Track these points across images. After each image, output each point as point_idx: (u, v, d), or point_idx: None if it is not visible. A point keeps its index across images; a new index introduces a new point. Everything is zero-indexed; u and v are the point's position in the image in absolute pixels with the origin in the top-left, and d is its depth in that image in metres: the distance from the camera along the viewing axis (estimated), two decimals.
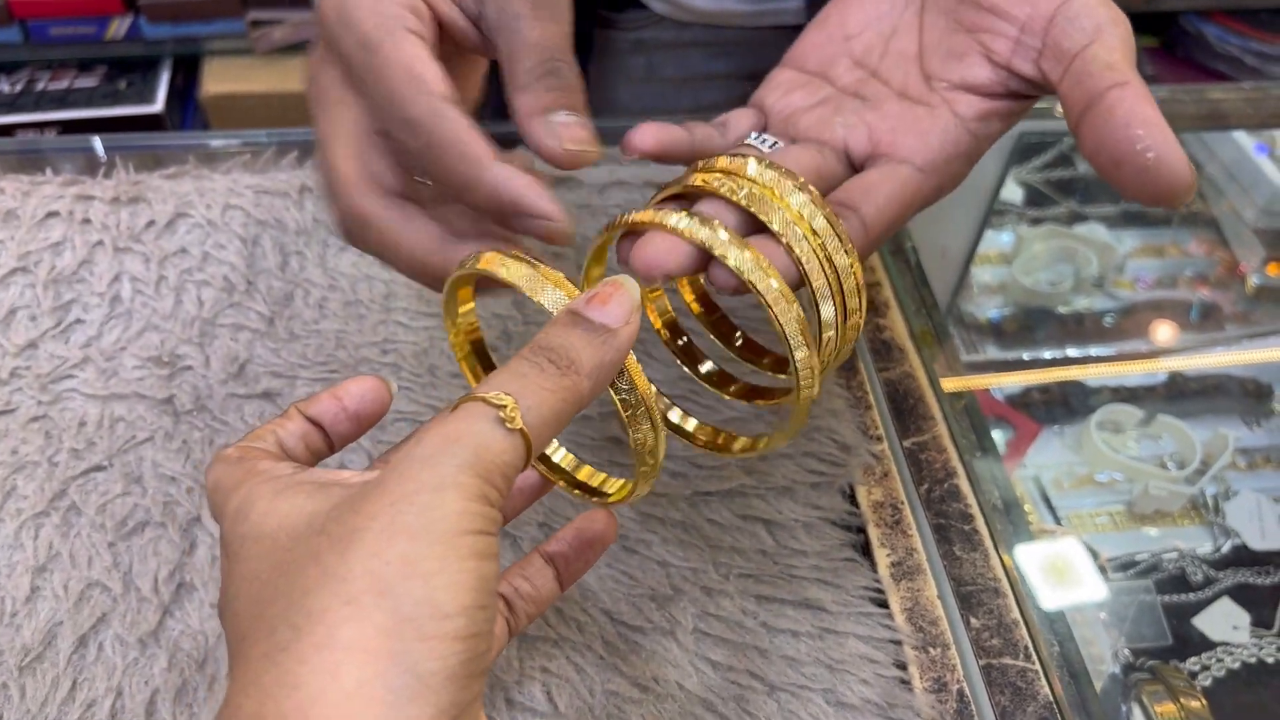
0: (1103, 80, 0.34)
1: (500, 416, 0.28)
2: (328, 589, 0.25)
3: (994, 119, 0.39)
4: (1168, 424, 0.70)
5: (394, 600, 0.25)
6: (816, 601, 0.45)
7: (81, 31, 1.72)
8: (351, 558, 0.26)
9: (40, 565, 0.45)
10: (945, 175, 0.39)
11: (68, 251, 0.55)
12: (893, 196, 0.38)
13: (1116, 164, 0.33)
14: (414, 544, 0.26)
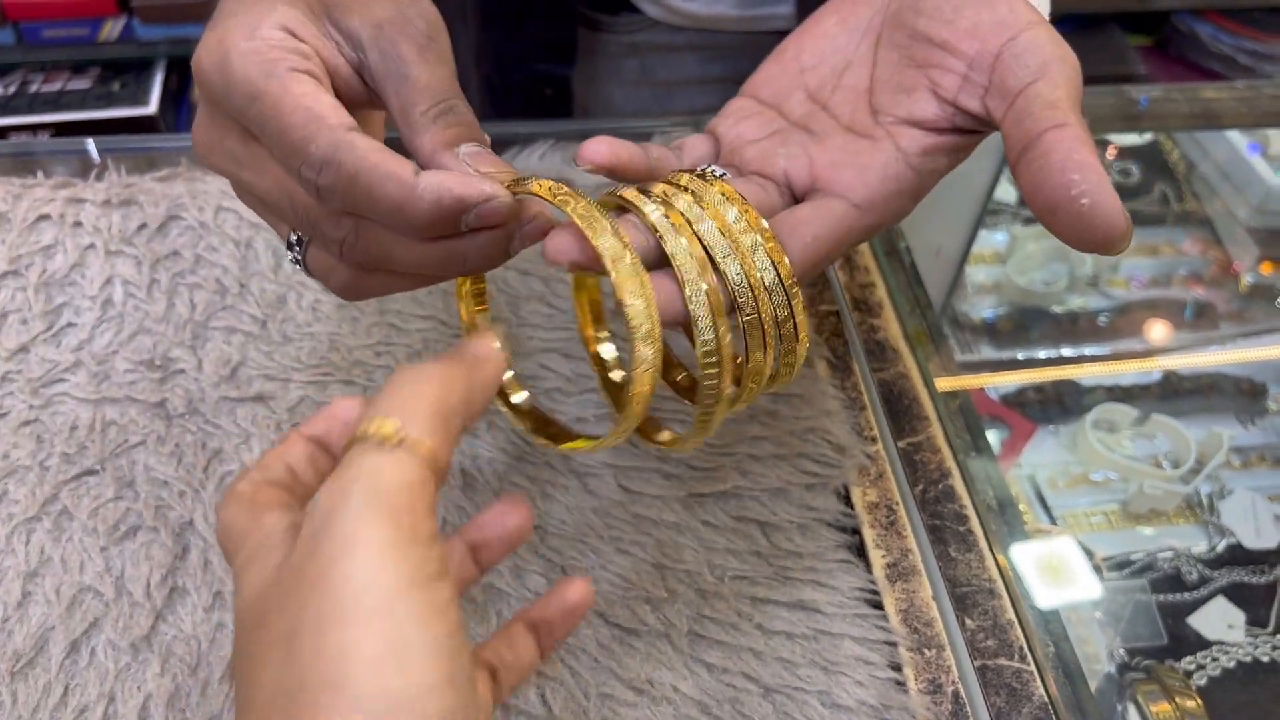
0: (1041, 121, 0.34)
1: (375, 440, 0.27)
2: (291, 701, 0.24)
3: (939, 154, 0.38)
4: (1162, 423, 0.70)
5: (353, 698, 0.23)
6: (811, 603, 0.45)
7: (75, 33, 1.72)
8: (297, 664, 0.24)
9: (32, 570, 0.44)
10: (884, 212, 0.38)
11: (59, 255, 0.55)
12: (821, 234, 0.37)
13: (1051, 210, 0.33)
14: (348, 631, 0.24)
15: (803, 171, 0.39)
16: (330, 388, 0.51)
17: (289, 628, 0.25)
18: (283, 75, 0.35)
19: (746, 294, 0.34)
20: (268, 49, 0.35)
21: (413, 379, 0.29)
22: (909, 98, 0.38)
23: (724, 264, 0.34)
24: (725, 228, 0.35)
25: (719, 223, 0.35)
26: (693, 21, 0.80)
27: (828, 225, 0.37)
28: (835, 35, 0.43)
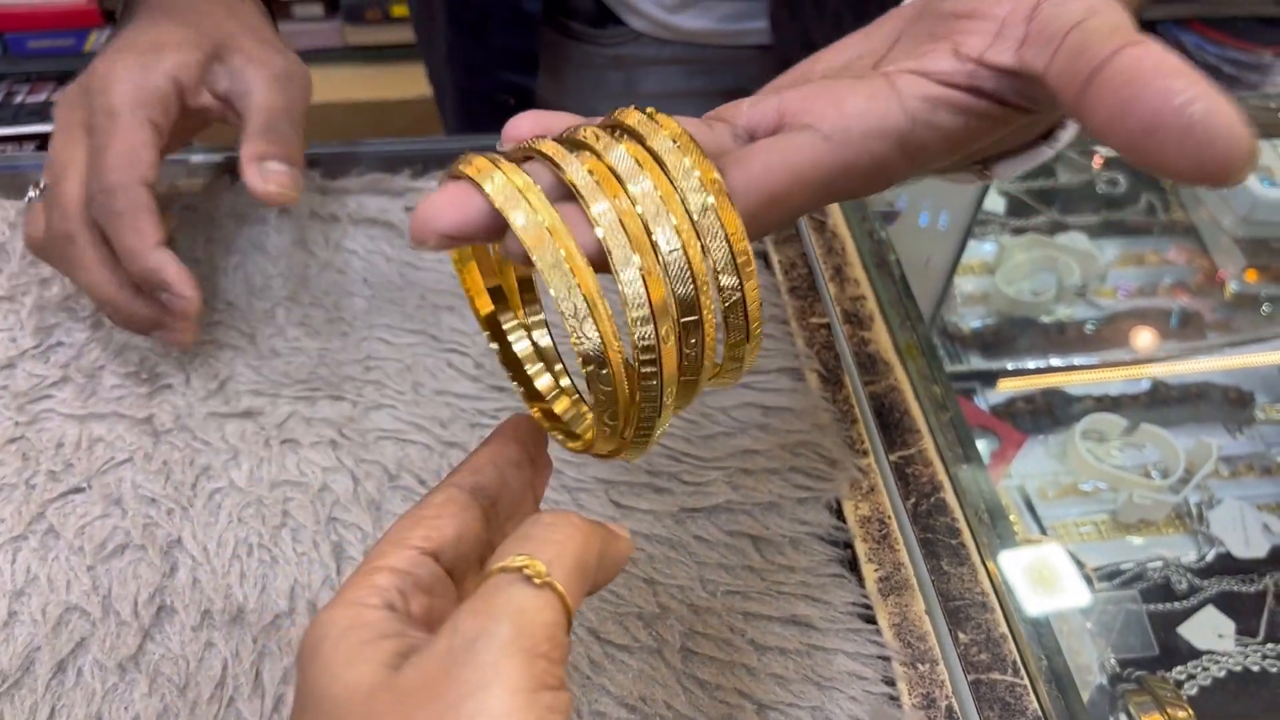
0: (1109, 43, 0.27)
1: (526, 574, 0.26)
2: None
3: (943, 107, 0.31)
4: (1151, 433, 0.70)
5: None
6: (804, 618, 0.45)
7: (60, 44, 1.71)
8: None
9: (18, 589, 0.44)
10: (860, 153, 0.31)
11: (56, 285, 0.55)
12: (774, 163, 0.30)
13: (1149, 131, 0.25)
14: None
15: (769, 114, 0.32)
16: (319, 403, 0.51)
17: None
18: (138, 116, 0.47)
19: (685, 275, 0.28)
20: (145, 90, 0.48)
21: (562, 525, 0.29)
22: (921, 56, 0.32)
23: (658, 236, 0.28)
24: (666, 188, 0.28)
25: (658, 180, 0.28)
26: (676, 35, 0.80)
27: (781, 154, 0.30)
28: (855, 42, 0.38)
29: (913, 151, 0.31)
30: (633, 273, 0.27)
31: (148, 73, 0.48)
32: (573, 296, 0.27)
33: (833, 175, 0.31)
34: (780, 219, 0.31)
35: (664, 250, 0.28)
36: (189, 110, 0.50)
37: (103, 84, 0.47)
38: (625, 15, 0.80)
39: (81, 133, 0.48)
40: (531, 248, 0.27)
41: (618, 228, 0.27)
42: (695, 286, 0.28)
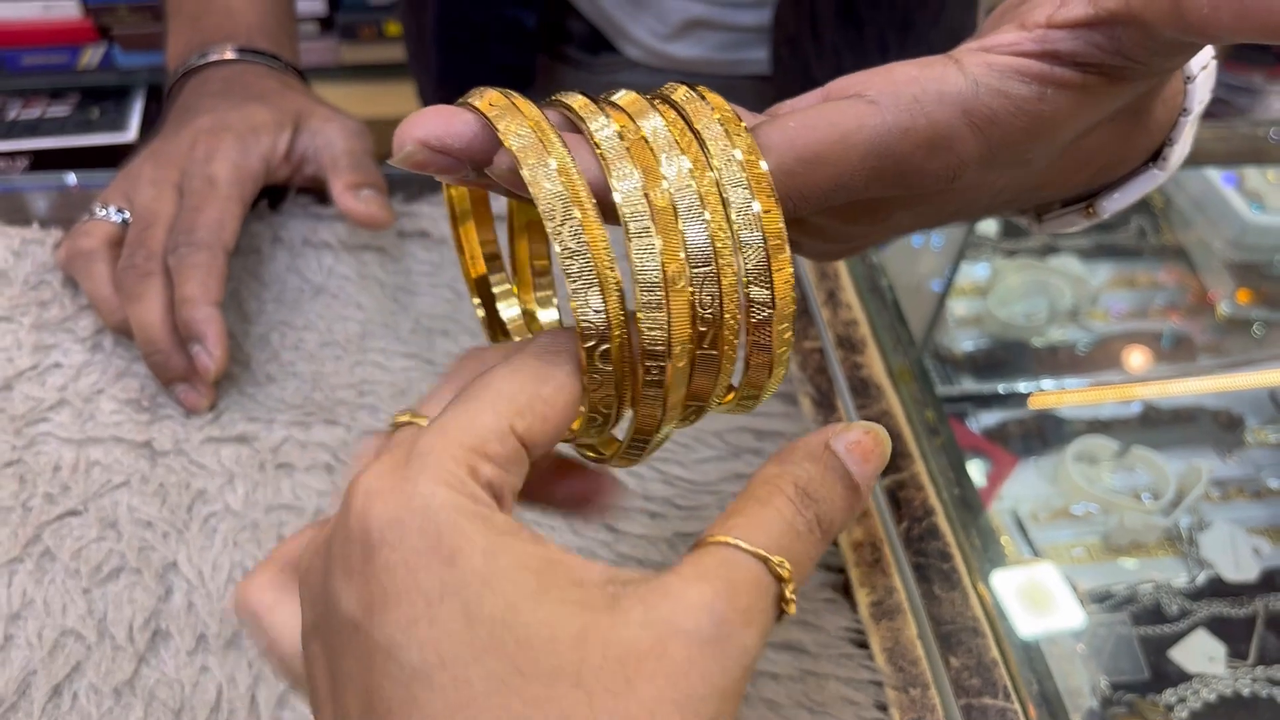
0: None
1: (785, 598, 0.25)
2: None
3: (1012, 76, 0.29)
4: (1142, 456, 0.70)
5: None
6: (797, 643, 0.45)
7: (54, 60, 1.72)
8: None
9: (14, 613, 0.44)
10: (916, 115, 0.29)
11: (55, 307, 0.55)
12: (813, 121, 0.28)
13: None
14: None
15: (814, 97, 0.31)
16: (313, 428, 0.51)
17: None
18: (230, 191, 0.54)
19: (709, 270, 0.25)
20: (244, 171, 0.55)
21: (813, 551, 0.27)
22: (985, 37, 0.30)
23: (686, 225, 0.25)
24: (702, 167, 0.26)
25: (694, 160, 0.26)
26: (670, 64, 0.81)
27: (823, 113, 0.29)
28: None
29: (981, 122, 0.29)
30: (649, 242, 0.24)
31: (246, 155, 0.55)
32: (578, 249, 0.24)
33: (884, 139, 0.29)
34: (823, 186, 0.29)
35: (691, 242, 0.25)
36: (266, 183, 0.57)
37: (206, 156, 0.54)
38: (619, 43, 0.81)
39: (172, 191, 0.54)
40: (524, 161, 0.24)
41: (638, 192, 0.25)
42: (719, 291, 0.26)
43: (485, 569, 0.23)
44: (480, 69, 0.80)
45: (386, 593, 0.23)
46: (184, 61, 0.61)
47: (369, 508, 0.24)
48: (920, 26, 0.79)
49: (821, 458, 0.27)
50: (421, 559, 0.23)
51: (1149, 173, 0.35)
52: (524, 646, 0.22)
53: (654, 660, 0.22)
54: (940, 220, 0.36)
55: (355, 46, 1.81)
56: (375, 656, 0.23)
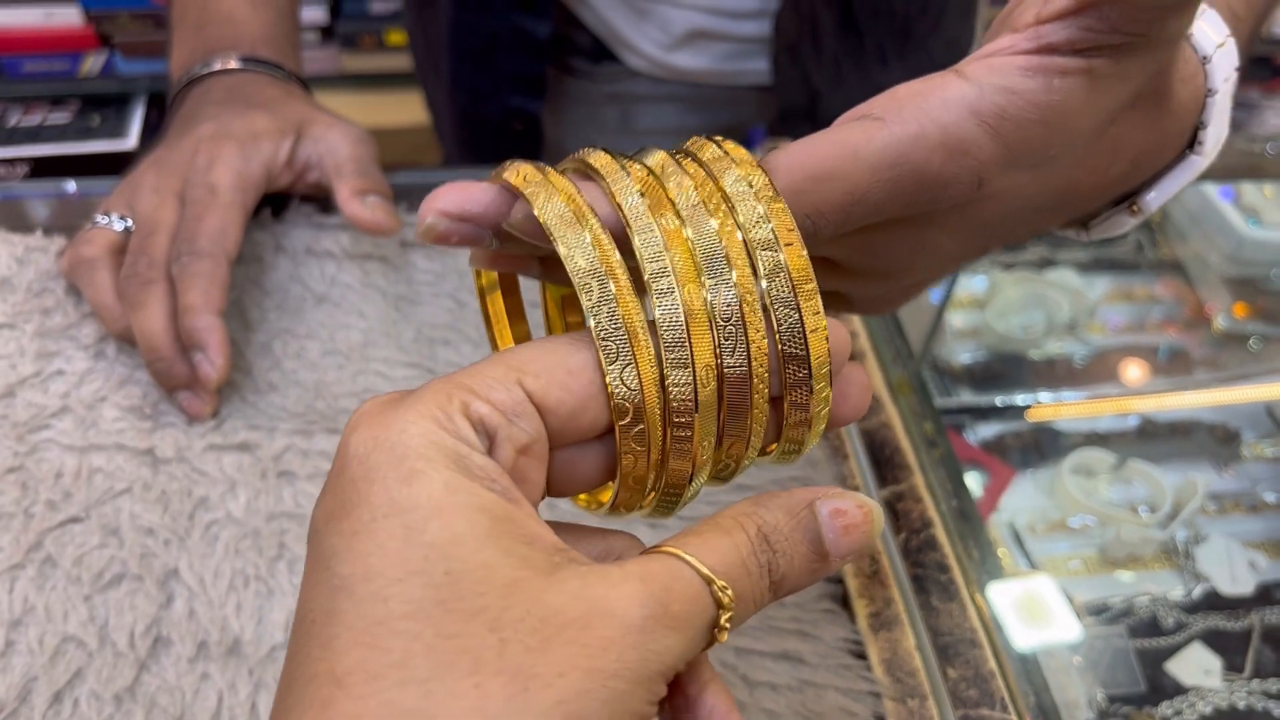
0: None
1: (717, 623, 0.24)
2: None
3: (1015, 73, 0.30)
4: (1139, 469, 0.71)
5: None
6: (796, 653, 0.45)
7: (55, 67, 1.72)
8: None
9: (15, 619, 0.44)
10: (924, 123, 0.29)
11: (58, 314, 0.55)
12: (820, 141, 0.29)
13: None
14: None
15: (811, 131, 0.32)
16: (315, 436, 0.51)
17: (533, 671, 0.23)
18: (237, 197, 0.54)
19: (737, 327, 0.25)
20: (247, 178, 0.55)
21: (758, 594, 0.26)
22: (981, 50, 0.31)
23: (713, 285, 0.25)
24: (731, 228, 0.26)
25: (724, 226, 0.26)
26: (673, 74, 0.81)
27: (827, 134, 0.29)
28: None
29: (993, 120, 0.29)
30: (673, 301, 0.25)
31: (247, 162, 0.55)
32: (614, 329, 0.24)
33: (894, 147, 0.29)
34: (838, 201, 0.29)
35: (716, 302, 0.25)
36: (268, 190, 0.58)
37: (207, 163, 0.54)
38: (622, 53, 0.81)
39: (174, 199, 0.54)
40: (558, 236, 0.24)
41: (661, 250, 0.25)
42: (748, 352, 0.26)
43: (440, 499, 0.23)
44: (492, 78, 0.81)
45: (343, 505, 0.23)
46: (187, 70, 0.61)
47: (355, 427, 0.24)
48: (919, 36, 0.79)
49: (798, 514, 0.27)
50: (381, 476, 0.23)
51: (1188, 160, 0.35)
52: (453, 580, 0.22)
53: (575, 629, 0.23)
54: (984, 241, 0.35)
55: (356, 55, 1.81)
56: (316, 565, 0.23)
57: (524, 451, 0.25)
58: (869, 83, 0.79)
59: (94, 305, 0.53)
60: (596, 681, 0.22)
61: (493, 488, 0.24)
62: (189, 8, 0.64)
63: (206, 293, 0.50)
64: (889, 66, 0.79)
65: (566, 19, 0.81)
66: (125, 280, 0.52)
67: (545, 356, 0.26)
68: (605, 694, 0.22)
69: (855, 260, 0.35)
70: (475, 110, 0.84)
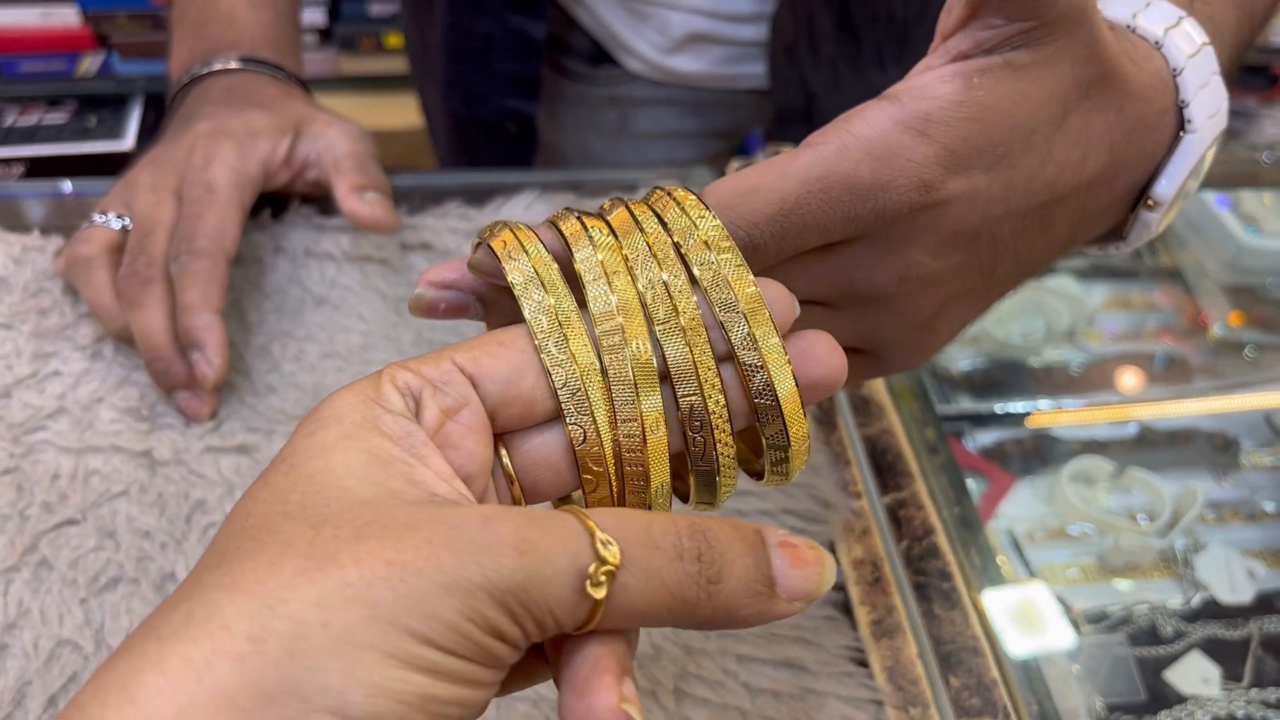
0: None
1: (589, 571, 0.23)
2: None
3: (934, 83, 0.31)
4: (1138, 477, 0.70)
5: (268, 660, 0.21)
6: (798, 661, 0.45)
7: (52, 68, 1.72)
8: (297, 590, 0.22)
9: (10, 622, 0.44)
10: (846, 136, 0.30)
11: (55, 315, 0.55)
12: (754, 166, 0.30)
13: None
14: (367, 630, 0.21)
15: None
16: None
17: (330, 554, 0.23)
18: (232, 197, 0.54)
19: (690, 376, 0.27)
20: (244, 176, 0.55)
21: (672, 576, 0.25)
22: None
23: (665, 337, 0.27)
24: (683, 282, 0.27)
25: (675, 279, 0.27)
26: (671, 77, 0.81)
27: (769, 163, 0.30)
28: None
29: (918, 123, 0.31)
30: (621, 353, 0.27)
31: (244, 159, 0.55)
32: (564, 362, 0.26)
33: (820, 162, 0.30)
34: (768, 212, 0.30)
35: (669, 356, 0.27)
36: (266, 189, 0.58)
37: (204, 161, 0.54)
38: (620, 56, 0.81)
39: (171, 197, 0.54)
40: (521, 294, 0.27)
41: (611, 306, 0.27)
42: (705, 407, 0.27)
43: (329, 444, 0.25)
44: (487, 79, 0.80)
45: (269, 464, 0.26)
46: (187, 70, 0.61)
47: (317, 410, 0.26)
48: (917, 39, 0.79)
49: (742, 529, 0.26)
50: (295, 436, 0.25)
51: (1184, 141, 0.36)
52: (303, 498, 0.24)
53: (399, 529, 0.23)
54: (980, 260, 0.35)
55: (354, 58, 1.81)
56: (228, 519, 0.25)
57: (450, 414, 0.26)
58: (866, 86, 0.79)
59: (91, 304, 0.53)
60: (394, 573, 0.22)
61: (396, 441, 0.25)
62: (189, 8, 0.64)
63: (205, 292, 0.50)
64: (886, 71, 0.79)
65: (564, 22, 0.81)
66: (124, 279, 0.51)
67: (477, 338, 0.28)
68: (403, 588, 0.22)
69: (837, 295, 0.35)
70: (469, 112, 0.84)
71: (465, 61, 0.81)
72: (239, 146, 0.55)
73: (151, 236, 0.52)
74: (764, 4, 0.76)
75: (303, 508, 0.23)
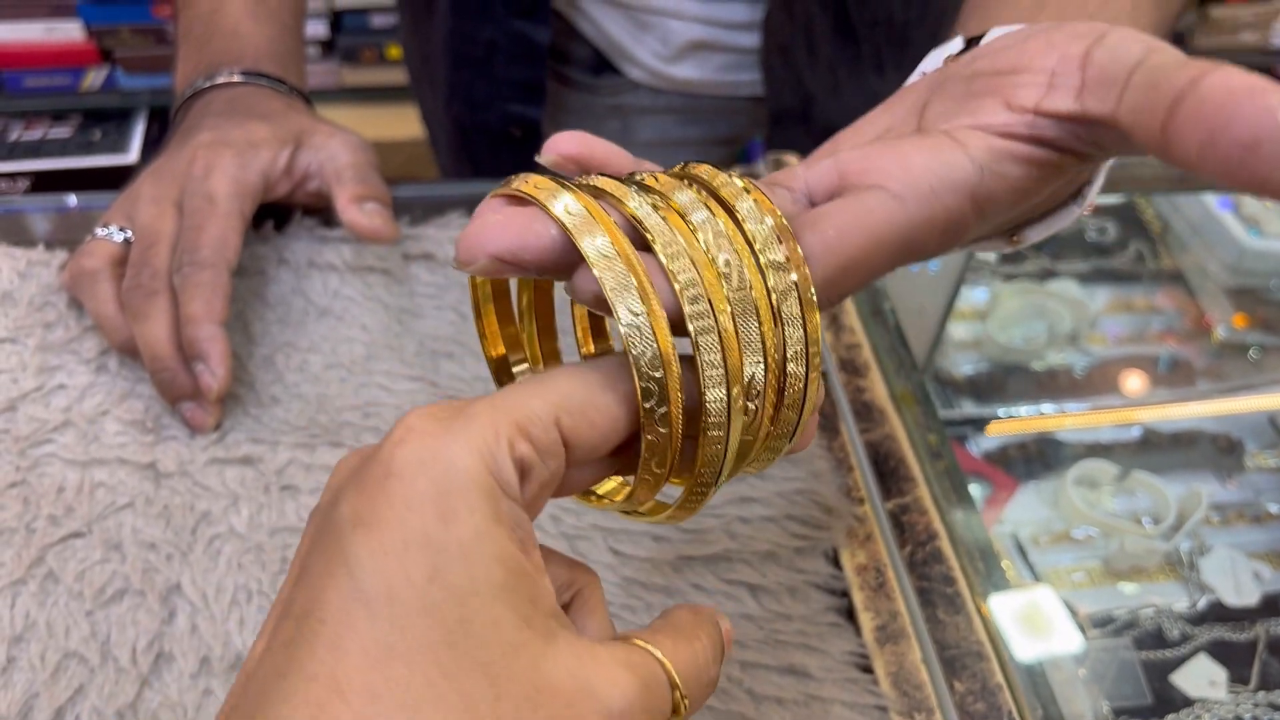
0: (1184, 74, 0.27)
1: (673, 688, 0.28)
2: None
3: (1008, 160, 0.31)
4: (1142, 480, 0.70)
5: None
6: (802, 667, 0.45)
7: (57, 82, 1.72)
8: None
9: (17, 635, 0.44)
10: (934, 208, 0.30)
11: (60, 329, 0.55)
12: (849, 226, 0.29)
13: (1251, 148, 0.25)
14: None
15: (827, 175, 0.32)
16: (318, 450, 0.51)
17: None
18: (234, 208, 0.54)
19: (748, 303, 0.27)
20: (244, 185, 0.55)
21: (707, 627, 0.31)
22: (973, 112, 0.32)
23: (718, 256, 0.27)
24: (737, 238, 0.27)
25: (730, 230, 0.27)
26: (672, 85, 0.81)
27: (856, 216, 0.30)
28: (876, 118, 0.37)
29: (983, 203, 0.31)
30: (713, 340, 0.26)
31: (244, 170, 0.55)
32: (646, 346, 0.25)
33: (909, 234, 0.30)
34: (855, 285, 0.30)
35: (745, 332, 0.27)
36: (267, 199, 0.58)
37: (204, 172, 0.54)
38: (623, 65, 0.81)
39: (173, 209, 0.54)
40: (612, 294, 0.25)
41: (701, 293, 0.26)
42: (765, 362, 0.27)
43: (469, 545, 0.24)
44: (490, 85, 0.81)
45: (377, 516, 0.24)
46: (190, 84, 0.61)
47: (404, 439, 0.25)
48: (917, 44, 0.79)
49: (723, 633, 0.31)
50: (421, 504, 0.24)
51: (1069, 209, 0.37)
52: (464, 627, 0.24)
53: (562, 704, 0.24)
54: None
55: (356, 69, 1.82)
56: (338, 566, 0.24)
57: (547, 490, 0.27)
58: (865, 90, 0.79)
59: (96, 317, 0.53)
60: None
61: (514, 535, 0.25)
62: (194, 23, 0.64)
63: (208, 303, 0.51)
64: (885, 74, 0.79)
65: (566, 31, 0.81)
66: (128, 291, 0.52)
67: (580, 391, 0.27)
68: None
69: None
70: (473, 119, 0.84)
71: (468, 68, 0.81)
72: (239, 157, 0.56)
73: (154, 249, 0.52)
74: (762, 11, 0.76)
75: (465, 643, 0.24)
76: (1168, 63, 0.28)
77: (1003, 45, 0.33)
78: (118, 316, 0.52)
